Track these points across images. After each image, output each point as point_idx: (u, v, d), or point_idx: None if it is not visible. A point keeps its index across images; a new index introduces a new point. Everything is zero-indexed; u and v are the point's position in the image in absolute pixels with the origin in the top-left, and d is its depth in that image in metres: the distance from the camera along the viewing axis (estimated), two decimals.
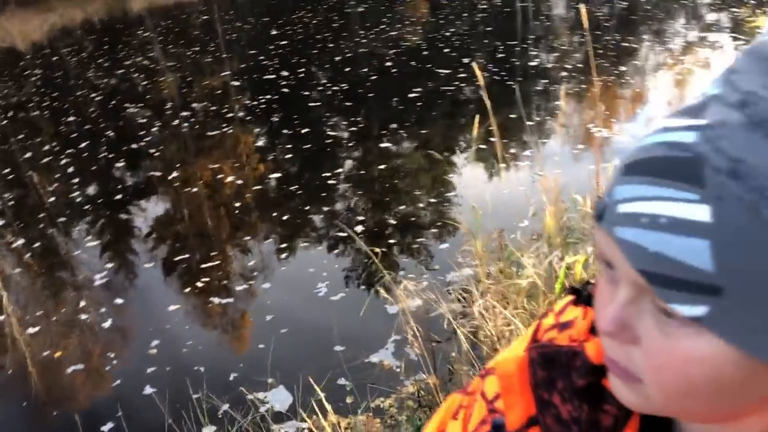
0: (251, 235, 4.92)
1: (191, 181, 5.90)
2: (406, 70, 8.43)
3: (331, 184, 5.59)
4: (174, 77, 9.59)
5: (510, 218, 4.01)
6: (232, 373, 3.36)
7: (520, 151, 5.75)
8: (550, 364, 0.63)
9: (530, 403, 0.64)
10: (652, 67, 8.09)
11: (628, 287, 0.49)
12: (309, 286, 4.13)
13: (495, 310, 2.72)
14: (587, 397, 0.60)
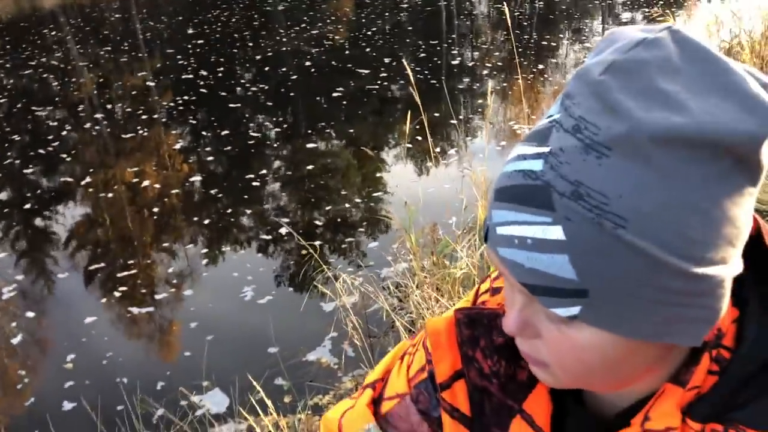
0: (175, 240, 4.79)
1: (110, 185, 5.69)
2: (330, 69, 8.42)
3: (258, 185, 5.52)
4: (89, 77, 9.21)
5: (442, 213, 4.08)
6: (165, 379, 3.27)
7: (449, 147, 5.85)
8: (473, 324, 0.71)
9: (456, 359, 0.71)
10: (571, 63, 8.40)
11: (521, 294, 0.56)
12: (239, 288, 4.06)
13: (431, 301, 2.76)
14: (505, 354, 0.69)
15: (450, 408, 0.72)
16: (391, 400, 0.78)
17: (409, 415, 0.77)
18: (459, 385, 0.71)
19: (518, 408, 0.69)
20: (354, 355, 3.24)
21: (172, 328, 3.81)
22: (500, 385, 0.70)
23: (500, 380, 0.69)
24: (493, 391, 0.70)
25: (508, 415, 0.69)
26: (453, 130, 6.02)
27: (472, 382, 0.71)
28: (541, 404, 0.68)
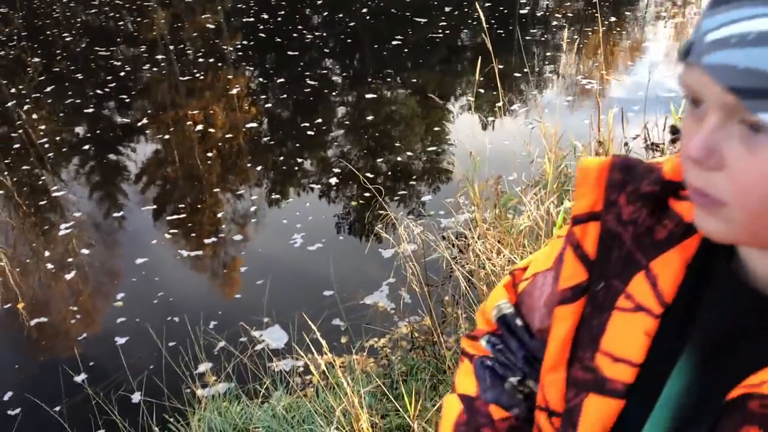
0: (241, 181, 4.88)
1: (179, 124, 5.81)
2: (397, 16, 8.26)
3: (321, 131, 5.53)
4: (161, 16, 9.34)
5: (507, 165, 4.00)
6: (228, 313, 3.38)
7: (517, 99, 5.70)
8: (627, 170, 0.70)
9: (598, 200, 0.71)
10: (652, 16, 7.98)
11: (716, 112, 0.53)
12: (299, 231, 4.13)
13: (492, 252, 2.73)
14: (650, 204, 0.67)
15: (576, 244, 0.72)
16: (527, 280, 0.84)
17: (535, 288, 0.82)
18: (592, 226, 0.71)
19: (645, 264, 0.67)
20: (411, 301, 3.27)
21: (235, 265, 3.92)
22: (634, 235, 0.68)
23: (636, 230, 0.68)
24: (626, 240, 0.69)
25: (633, 269, 0.68)
26: (522, 81, 5.85)
27: (607, 226, 0.70)
28: (671, 268, 0.66)
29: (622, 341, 0.67)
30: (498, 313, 0.86)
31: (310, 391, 2.74)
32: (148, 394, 2.77)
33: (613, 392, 0.68)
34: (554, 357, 0.74)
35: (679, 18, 7.74)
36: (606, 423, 0.69)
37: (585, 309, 0.71)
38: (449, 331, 3.06)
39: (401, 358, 2.92)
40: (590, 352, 0.70)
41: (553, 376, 0.74)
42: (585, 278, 0.71)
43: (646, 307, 0.66)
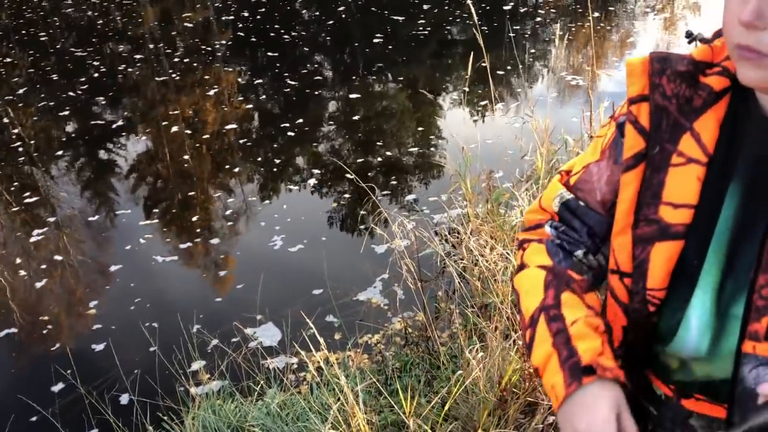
0: (232, 177, 4.86)
1: (170, 120, 5.78)
2: (389, 10, 8.24)
3: (313, 126, 5.51)
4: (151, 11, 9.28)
5: (498, 160, 4.00)
6: (221, 311, 3.37)
7: (508, 93, 5.70)
8: (664, 60, 0.88)
9: (645, 85, 0.89)
10: (641, 11, 8.01)
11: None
12: (292, 227, 4.12)
13: (485, 248, 2.74)
14: (687, 80, 0.86)
15: (634, 120, 0.89)
16: (578, 173, 1.00)
17: (591, 176, 0.98)
18: (644, 106, 0.88)
19: (689, 126, 0.85)
20: (404, 297, 3.27)
21: (227, 263, 3.91)
22: (678, 106, 0.86)
23: (678, 101, 0.86)
24: (671, 110, 0.86)
25: (680, 132, 0.86)
26: (513, 76, 5.85)
27: (655, 102, 0.87)
28: (709, 126, 0.84)
29: (680, 190, 0.85)
30: (561, 200, 1.01)
31: (305, 388, 2.74)
32: (142, 393, 2.76)
33: (676, 235, 0.86)
34: (623, 219, 0.90)
35: (667, 12, 7.77)
36: (670, 265, 0.86)
37: (645, 172, 0.88)
38: (443, 326, 3.06)
39: (395, 354, 2.92)
40: (653, 207, 0.87)
41: (622, 239, 0.90)
42: (643, 146, 0.88)
43: (695, 158, 0.84)
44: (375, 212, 3.53)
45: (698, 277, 0.86)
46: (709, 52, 0.89)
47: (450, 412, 2.17)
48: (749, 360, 0.82)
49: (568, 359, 0.85)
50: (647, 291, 0.89)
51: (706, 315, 0.86)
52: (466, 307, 2.73)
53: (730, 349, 0.85)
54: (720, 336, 0.86)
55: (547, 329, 0.90)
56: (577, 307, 0.92)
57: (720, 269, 0.85)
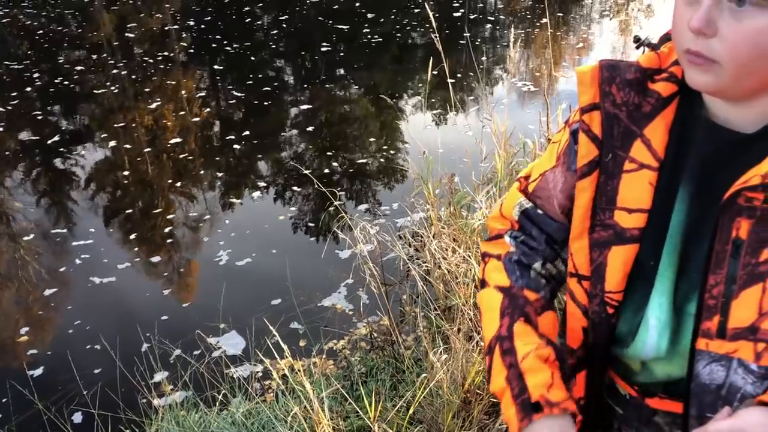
0: (194, 184, 4.81)
1: (130, 128, 5.69)
2: (349, 14, 8.25)
3: (276, 132, 5.49)
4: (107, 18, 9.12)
5: (460, 163, 4.04)
6: (183, 320, 3.33)
7: (469, 97, 5.76)
8: (612, 68, 0.90)
9: (596, 93, 0.91)
10: (597, 13, 8.17)
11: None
12: (255, 234, 4.09)
13: (447, 251, 2.76)
14: (635, 87, 0.88)
15: (587, 128, 0.92)
16: (536, 180, 1.03)
17: (548, 183, 1.01)
18: (595, 114, 0.91)
19: (640, 132, 0.88)
20: (369, 302, 3.27)
21: (190, 271, 3.86)
22: (628, 113, 0.89)
23: (628, 108, 0.89)
24: (622, 118, 0.89)
25: (631, 138, 0.88)
26: (473, 79, 5.92)
27: (606, 110, 0.90)
28: (658, 132, 0.87)
29: (633, 195, 0.88)
30: (520, 209, 1.04)
31: (270, 396, 2.72)
32: (103, 407, 2.70)
33: (631, 238, 0.89)
34: (579, 224, 0.94)
35: (622, 15, 7.94)
36: (626, 268, 0.89)
37: (599, 179, 0.91)
38: (408, 329, 3.07)
39: (361, 359, 2.92)
40: (609, 212, 0.90)
41: (580, 243, 0.94)
42: (597, 153, 0.91)
43: (646, 163, 0.87)
44: (338, 218, 3.53)
45: (655, 278, 0.89)
46: (656, 58, 0.91)
47: (415, 416, 2.18)
48: (703, 357, 0.85)
49: (520, 395, 0.90)
50: (605, 293, 0.92)
51: (664, 315, 0.89)
52: (430, 310, 2.74)
53: (687, 347, 0.87)
54: (678, 335, 0.89)
55: (502, 362, 0.94)
56: (529, 338, 0.95)
57: (674, 270, 0.88)
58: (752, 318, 0.81)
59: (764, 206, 0.79)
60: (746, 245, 0.80)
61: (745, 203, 0.79)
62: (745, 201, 0.79)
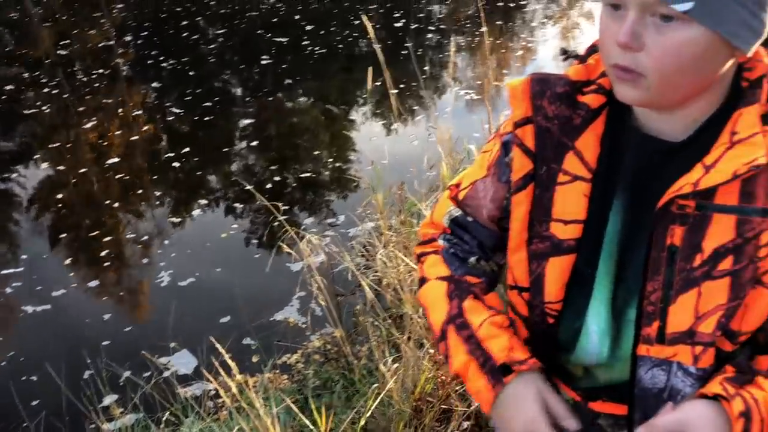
0: (141, 201, 4.72)
1: (73, 145, 5.55)
2: (296, 25, 8.24)
3: (223, 144, 5.43)
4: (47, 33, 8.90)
5: (409, 171, 4.06)
6: (132, 341, 3.26)
7: (417, 104, 5.81)
8: (543, 82, 0.92)
9: (528, 107, 0.93)
10: (540, 19, 8.34)
11: (636, 10, 0.75)
12: (205, 249, 4.03)
13: (397, 259, 2.77)
14: (565, 101, 0.90)
15: (520, 142, 0.93)
16: (466, 189, 1.04)
17: (478, 192, 1.02)
18: (528, 128, 0.92)
19: (571, 145, 0.90)
20: (322, 314, 3.26)
21: (138, 289, 3.78)
22: (559, 126, 0.90)
23: (560, 121, 0.90)
24: (554, 131, 0.90)
25: (564, 151, 0.90)
26: (420, 87, 5.97)
27: (538, 124, 0.91)
28: (590, 143, 0.89)
29: (568, 206, 0.90)
30: (450, 217, 1.06)
31: (223, 414, 2.68)
32: None
33: (568, 249, 0.90)
34: (517, 237, 0.95)
35: (565, 21, 8.13)
36: (564, 278, 0.91)
37: (535, 192, 0.92)
38: (362, 339, 3.07)
39: (315, 372, 2.90)
40: (545, 225, 0.91)
41: (518, 256, 0.95)
42: (531, 167, 0.93)
43: (580, 175, 0.89)
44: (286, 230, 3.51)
45: (593, 287, 0.91)
46: (584, 71, 0.93)
47: (368, 427, 2.18)
48: (645, 362, 0.87)
49: (486, 363, 0.91)
50: (545, 304, 0.94)
51: (604, 322, 0.91)
52: (382, 320, 2.75)
53: (627, 352, 0.90)
54: (618, 341, 0.92)
55: (458, 338, 0.95)
56: (480, 310, 0.97)
57: (612, 278, 0.90)
58: (689, 322, 0.83)
59: (696, 213, 0.82)
60: (681, 251, 0.83)
61: (677, 210, 0.82)
62: (678, 208, 0.82)
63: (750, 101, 0.81)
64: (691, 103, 0.82)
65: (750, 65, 0.84)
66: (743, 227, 0.80)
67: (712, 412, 0.79)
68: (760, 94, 0.81)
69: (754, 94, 0.81)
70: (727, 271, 0.81)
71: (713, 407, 0.79)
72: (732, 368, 0.84)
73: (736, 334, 0.86)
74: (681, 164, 0.83)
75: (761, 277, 0.82)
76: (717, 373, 0.85)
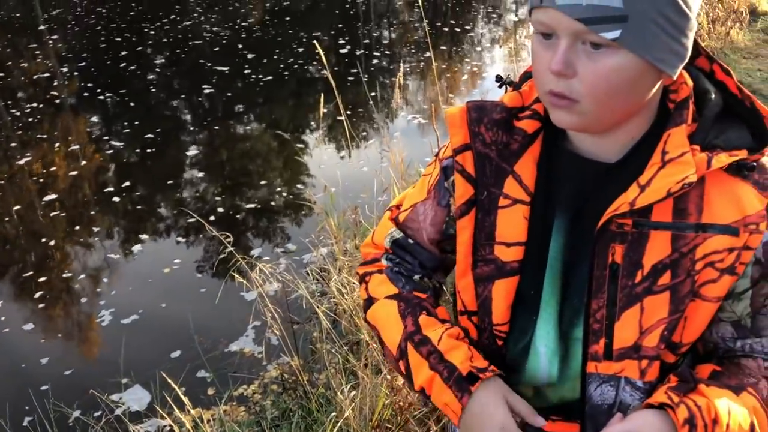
0: (88, 233, 4.59)
1: (16, 178, 5.39)
2: (245, 51, 8.22)
3: (176, 172, 5.35)
4: None
5: (362, 195, 4.07)
6: (80, 379, 3.14)
7: (368, 128, 5.84)
8: (480, 110, 0.95)
9: (466, 134, 0.95)
10: (487, 43, 8.52)
11: (567, 38, 0.78)
12: (155, 281, 3.94)
13: (352, 285, 2.76)
14: (503, 126, 0.93)
15: (461, 168, 0.95)
16: (406, 211, 1.06)
17: (418, 215, 1.04)
18: (468, 154, 0.95)
19: (510, 169, 0.92)
20: (277, 343, 3.21)
21: (87, 324, 3.67)
22: (498, 151, 0.93)
23: (498, 147, 0.93)
24: (492, 156, 0.93)
25: (503, 176, 0.93)
26: (371, 111, 6.01)
27: (477, 150, 0.94)
28: (527, 167, 0.91)
29: (510, 229, 0.92)
30: (391, 239, 1.07)
31: None
32: None
33: (511, 271, 0.92)
34: (463, 261, 0.96)
35: (511, 43, 8.32)
36: (509, 299, 0.93)
37: (477, 216, 0.94)
38: (319, 367, 3.04)
39: (273, 402, 2.86)
40: (489, 248, 0.93)
41: (465, 281, 0.96)
42: (472, 192, 0.95)
43: (519, 198, 0.91)
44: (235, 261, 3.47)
45: (539, 307, 0.93)
46: (519, 97, 0.96)
47: None
48: (594, 379, 0.90)
49: (451, 375, 0.92)
50: (493, 326, 0.95)
51: (552, 342, 0.93)
52: (338, 347, 2.73)
53: (576, 370, 0.92)
54: (567, 360, 0.93)
55: (418, 354, 0.96)
56: (435, 324, 0.99)
57: (557, 298, 0.92)
58: (634, 337, 0.86)
59: (634, 230, 0.84)
60: (622, 269, 0.85)
61: (617, 229, 0.84)
62: (617, 227, 0.84)
63: (678, 122, 0.84)
64: (623, 126, 0.85)
65: (675, 87, 0.87)
66: (678, 242, 0.84)
67: (658, 420, 0.81)
68: (686, 114, 0.85)
69: (681, 115, 0.85)
70: (666, 285, 0.84)
71: (659, 416, 0.81)
72: (675, 378, 0.87)
73: (677, 346, 0.89)
74: (616, 184, 0.86)
75: (698, 290, 0.85)
76: (661, 384, 0.87)
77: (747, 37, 6.74)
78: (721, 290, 0.85)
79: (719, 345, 0.93)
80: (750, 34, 6.83)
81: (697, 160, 0.82)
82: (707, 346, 0.95)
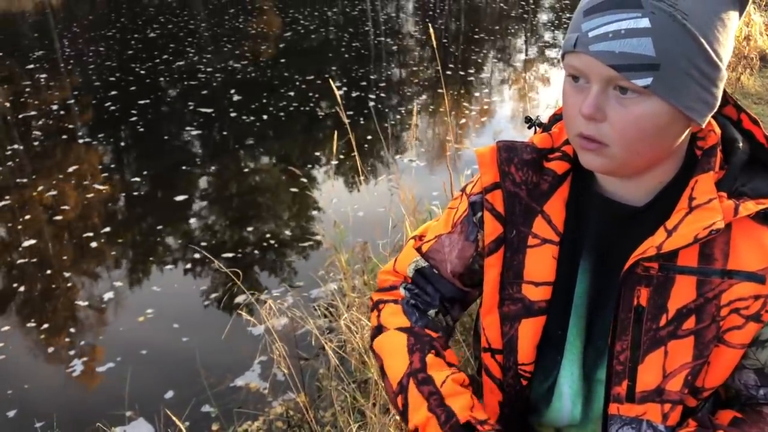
0: (97, 264, 4.59)
1: (27, 206, 5.42)
2: (258, 86, 8.32)
3: (184, 206, 5.37)
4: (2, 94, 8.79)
5: (372, 231, 4.07)
6: (85, 411, 3.11)
7: (379, 165, 5.87)
8: (510, 149, 0.96)
9: (496, 173, 0.96)
10: (497, 82, 8.60)
11: (599, 84, 0.79)
12: (163, 314, 3.92)
13: (361, 322, 2.74)
14: (533, 167, 0.95)
15: (491, 207, 0.97)
16: (430, 241, 1.07)
17: (443, 246, 1.05)
18: (497, 193, 0.96)
19: (540, 209, 0.94)
20: (284, 379, 3.18)
21: (93, 356, 3.64)
22: (527, 191, 0.94)
23: (528, 187, 0.94)
24: (522, 196, 0.94)
25: (533, 215, 0.94)
26: (382, 148, 6.05)
27: (506, 190, 0.95)
28: (557, 208, 0.93)
29: (538, 269, 0.93)
30: (415, 267, 1.08)
31: None
32: None
33: (539, 311, 0.92)
34: (489, 299, 0.97)
35: (521, 83, 8.40)
36: (535, 339, 0.93)
37: (506, 255, 0.95)
38: (326, 405, 3.00)
39: None
40: (516, 287, 0.94)
41: (491, 318, 0.97)
42: (501, 231, 0.96)
43: (548, 238, 0.93)
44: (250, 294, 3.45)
45: (564, 348, 0.93)
46: (549, 139, 0.98)
47: None
48: (615, 421, 0.89)
49: (448, 421, 0.91)
50: (519, 366, 0.95)
51: (576, 382, 0.93)
52: (346, 385, 2.70)
53: (599, 412, 0.91)
54: (590, 401, 0.93)
55: (419, 393, 0.95)
56: (442, 366, 0.98)
57: (582, 339, 0.92)
58: (657, 380, 0.86)
59: (660, 274, 0.85)
60: (647, 312, 0.85)
61: (643, 272, 0.85)
62: (643, 270, 0.85)
63: (705, 169, 0.85)
64: (651, 170, 0.86)
65: (703, 134, 0.88)
66: (704, 288, 0.83)
67: None
68: (714, 162, 0.85)
69: (708, 162, 0.85)
70: (691, 330, 0.84)
71: None
72: (694, 423, 0.86)
73: (700, 391, 0.88)
74: (643, 228, 0.86)
75: (723, 335, 0.84)
76: (680, 428, 0.86)
77: (758, 82, 6.80)
78: (745, 337, 0.85)
79: (741, 392, 0.92)
80: (761, 80, 6.89)
81: (724, 207, 0.82)
82: (729, 392, 0.95)
